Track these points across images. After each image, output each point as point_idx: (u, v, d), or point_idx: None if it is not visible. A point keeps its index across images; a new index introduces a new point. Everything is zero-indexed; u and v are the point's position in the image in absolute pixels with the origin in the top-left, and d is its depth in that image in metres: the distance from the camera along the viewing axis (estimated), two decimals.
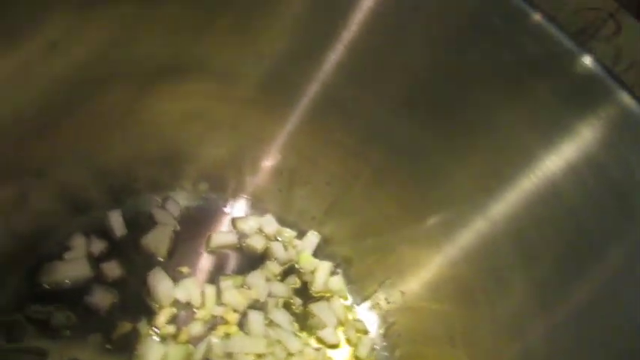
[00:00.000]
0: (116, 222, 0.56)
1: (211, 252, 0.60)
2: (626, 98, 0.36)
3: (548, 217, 0.40)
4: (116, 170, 0.56)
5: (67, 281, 0.51)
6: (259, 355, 0.54)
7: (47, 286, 0.50)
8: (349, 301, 0.63)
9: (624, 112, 0.37)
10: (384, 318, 0.61)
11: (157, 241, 0.57)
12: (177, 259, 0.58)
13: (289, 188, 0.64)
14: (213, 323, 0.55)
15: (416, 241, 0.57)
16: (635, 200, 0.35)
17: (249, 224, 0.64)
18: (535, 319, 0.42)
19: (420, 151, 0.52)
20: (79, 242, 0.53)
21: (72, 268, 0.51)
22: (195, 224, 0.62)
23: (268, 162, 0.60)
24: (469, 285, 0.51)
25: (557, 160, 0.41)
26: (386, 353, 0.60)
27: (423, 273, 0.57)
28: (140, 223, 0.58)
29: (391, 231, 0.59)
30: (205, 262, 0.59)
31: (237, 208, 0.65)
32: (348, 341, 0.60)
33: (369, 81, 0.48)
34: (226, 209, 0.64)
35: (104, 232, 0.56)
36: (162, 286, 0.53)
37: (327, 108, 0.53)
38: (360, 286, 0.64)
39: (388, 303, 0.61)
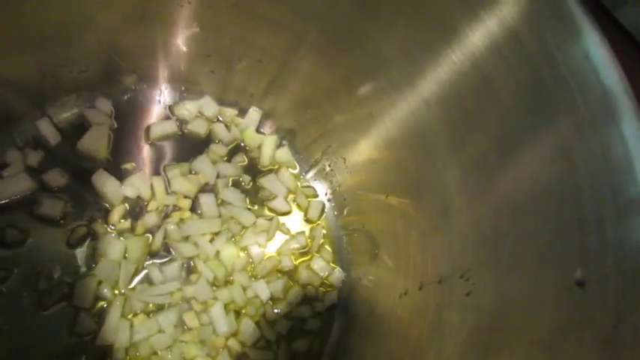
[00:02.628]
0: (47, 130, 0.56)
1: (153, 144, 0.61)
2: None
3: (470, 90, 0.41)
4: (34, 74, 0.53)
5: (13, 197, 0.52)
6: (215, 233, 0.59)
7: None
8: (297, 170, 0.66)
9: None
10: (330, 181, 0.65)
11: (95, 142, 0.57)
12: (119, 157, 0.59)
13: (222, 68, 0.62)
14: (166, 212, 0.58)
15: (351, 111, 0.57)
16: (545, 71, 0.35)
17: (188, 109, 0.63)
18: (454, 174, 0.45)
19: (348, 23, 0.50)
20: (14, 157, 0.54)
21: (14, 184, 0.52)
22: (133, 119, 0.61)
23: (190, 46, 0.57)
24: (400, 149, 0.53)
25: (480, 34, 0.39)
26: (335, 212, 0.65)
27: (360, 140, 0.59)
28: (74, 128, 0.58)
29: (328, 102, 0.60)
30: (149, 154, 0.60)
31: (172, 94, 0.63)
32: (299, 207, 0.65)
33: None
34: (161, 98, 0.63)
35: (39, 143, 0.56)
36: (108, 186, 0.55)
37: None
38: (305, 155, 0.66)
39: (332, 170, 0.64)
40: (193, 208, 0.59)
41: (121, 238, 0.55)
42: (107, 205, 0.56)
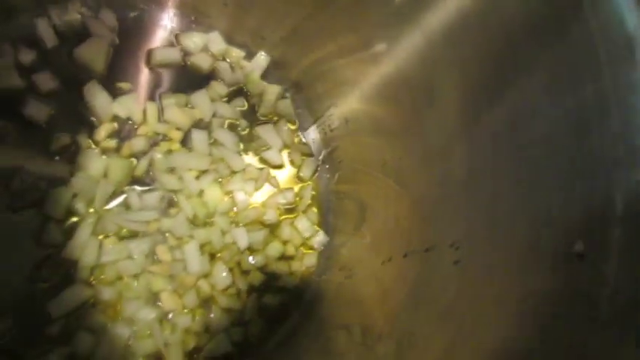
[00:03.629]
0: (45, 31, 0.52)
1: (153, 68, 0.58)
2: None
3: (481, 27, 0.39)
4: None
5: None
6: (202, 172, 0.56)
7: None
8: (296, 125, 0.64)
9: None
10: (327, 143, 0.63)
11: (92, 53, 0.54)
12: (116, 75, 0.56)
13: (235, 3, 0.59)
14: (155, 140, 0.56)
15: (361, 63, 0.55)
16: (565, 14, 0.33)
17: (194, 41, 0.61)
18: (458, 143, 0.44)
19: None
20: (5, 50, 0.50)
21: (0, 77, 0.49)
22: (136, 38, 0.58)
23: None
24: (405, 111, 0.51)
25: None
26: (327, 175, 0.63)
27: (365, 98, 0.57)
28: (74, 35, 0.54)
29: (340, 57, 0.57)
30: (147, 78, 0.58)
31: (181, 22, 0.60)
32: (292, 163, 0.63)
33: None
34: (168, 23, 0.60)
35: (34, 42, 0.52)
36: (99, 100, 0.53)
37: None
38: (307, 111, 0.64)
39: (332, 130, 0.62)
40: (184, 142, 0.57)
41: (104, 156, 0.52)
42: (95, 120, 0.53)
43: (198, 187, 0.55)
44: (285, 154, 0.62)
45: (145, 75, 0.58)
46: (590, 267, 0.27)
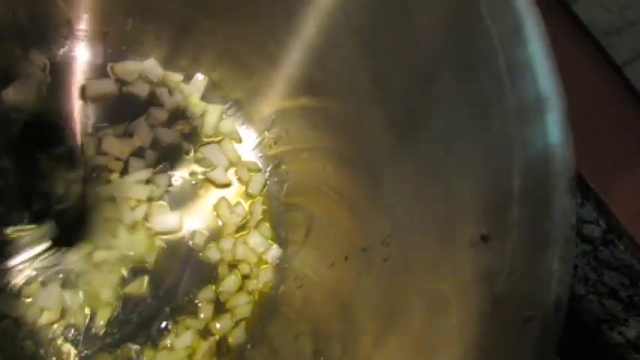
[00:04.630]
0: None
1: (88, 102, 0.58)
2: None
3: None
4: None
5: None
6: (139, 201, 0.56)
7: None
8: (241, 142, 0.64)
9: None
10: (273, 156, 0.63)
11: (23, 93, 0.54)
12: (50, 112, 0.56)
13: (164, 29, 0.60)
14: (95, 173, 0.55)
15: (289, 69, 0.56)
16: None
17: (129, 70, 0.61)
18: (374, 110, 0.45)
19: None
20: None
21: None
22: (68, 74, 0.58)
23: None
24: (333, 104, 0.52)
25: None
26: (277, 188, 0.63)
27: (299, 104, 0.58)
28: (1, 77, 0.55)
29: (269, 67, 0.58)
30: (82, 112, 0.58)
31: (114, 53, 0.61)
32: (240, 180, 0.63)
33: None
34: (101, 56, 0.60)
35: None
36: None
37: None
38: (250, 127, 0.64)
39: (275, 143, 0.63)
40: (125, 172, 0.57)
41: None
42: None
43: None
44: (231, 172, 0.62)
45: (80, 109, 0.58)
46: (493, 248, 0.27)
